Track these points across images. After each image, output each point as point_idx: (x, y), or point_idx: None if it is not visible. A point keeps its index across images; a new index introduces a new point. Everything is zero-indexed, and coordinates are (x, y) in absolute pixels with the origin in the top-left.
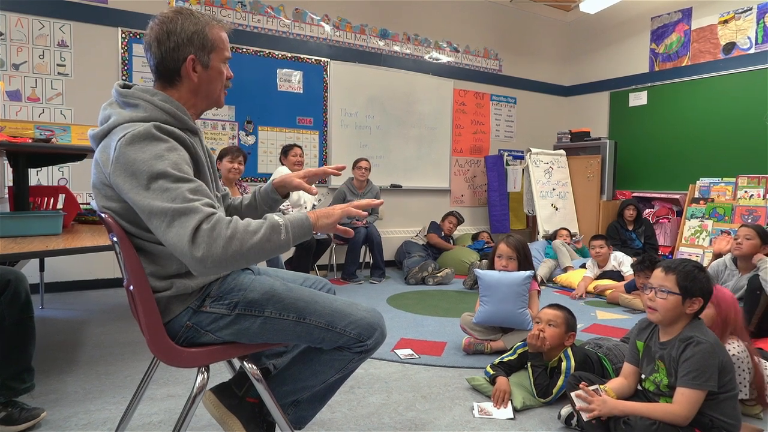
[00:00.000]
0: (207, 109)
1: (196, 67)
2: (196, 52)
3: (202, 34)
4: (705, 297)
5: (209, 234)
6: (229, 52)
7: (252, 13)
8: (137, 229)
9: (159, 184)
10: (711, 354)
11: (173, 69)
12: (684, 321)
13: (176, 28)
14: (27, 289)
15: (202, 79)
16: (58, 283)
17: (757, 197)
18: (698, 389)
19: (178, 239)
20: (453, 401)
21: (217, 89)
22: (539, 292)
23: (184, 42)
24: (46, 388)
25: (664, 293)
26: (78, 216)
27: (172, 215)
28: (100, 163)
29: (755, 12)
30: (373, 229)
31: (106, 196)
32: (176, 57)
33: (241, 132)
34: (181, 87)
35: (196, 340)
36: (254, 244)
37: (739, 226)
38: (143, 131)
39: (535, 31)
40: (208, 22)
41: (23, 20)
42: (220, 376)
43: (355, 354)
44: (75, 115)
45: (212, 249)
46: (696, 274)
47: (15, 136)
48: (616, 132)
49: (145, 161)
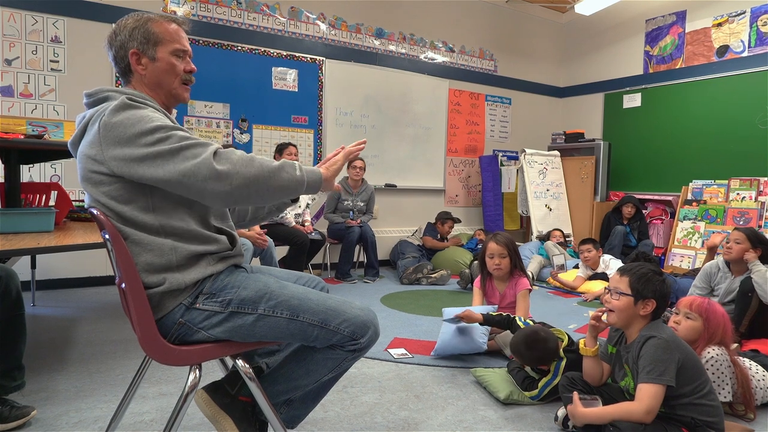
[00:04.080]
0: (170, 104)
1: (141, 60)
2: (139, 46)
3: (144, 28)
4: (658, 299)
5: (230, 153)
6: (181, 45)
7: (247, 10)
8: (132, 211)
9: (158, 136)
10: (665, 349)
11: (124, 66)
12: (640, 323)
13: (120, 28)
14: (18, 287)
15: (150, 71)
16: (49, 281)
17: (749, 199)
18: (653, 383)
19: (200, 161)
20: (446, 401)
21: (171, 82)
22: (530, 291)
23: (127, 38)
24: (36, 386)
25: (618, 294)
26: (70, 213)
27: (188, 146)
28: (85, 152)
29: (749, 15)
30: (367, 228)
31: (96, 182)
32: (123, 54)
33: (236, 130)
34: (135, 82)
35: (188, 338)
36: (272, 170)
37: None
38: (120, 103)
39: (531, 32)
40: (151, 17)
41: (16, 15)
42: (212, 374)
43: (349, 352)
44: (68, 111)
45: (236, 165)
46: (650, 276)
47: (7, 132)
48: (610, 133)
49: (133, 124)
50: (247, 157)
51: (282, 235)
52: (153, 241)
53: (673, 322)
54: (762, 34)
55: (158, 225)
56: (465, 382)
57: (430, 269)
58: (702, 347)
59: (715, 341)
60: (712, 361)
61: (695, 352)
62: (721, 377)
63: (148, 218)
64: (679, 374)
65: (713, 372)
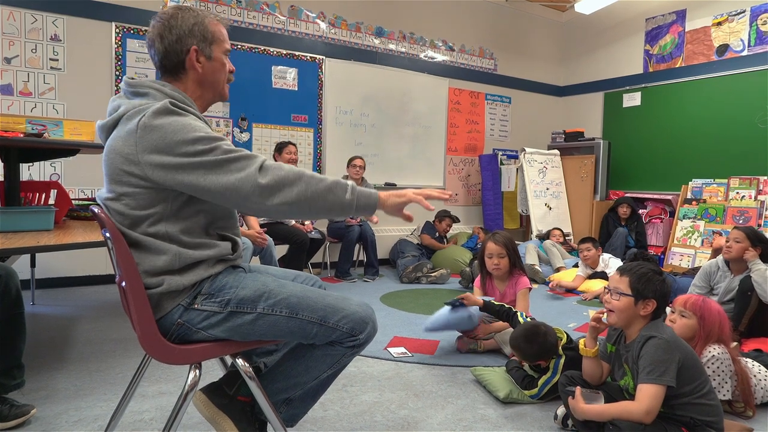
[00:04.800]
0: (213, 102)
1: (199, 57)
2: (198, 43)
3: (203, 26)
4: (659, 299)
5: (277, 168)
6: (229, 45)
7: (247, 9)
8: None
9: (200, 147)
10: (666, 349)
11: (177, 62)
12: (640, 323)
13: (177, 22)
14: (18, 285)
15: (207, 69)
16: (49, 279)
17: (749, 198)
18: (654, 383)
19: (244, 176)
20: (446, 400)
21: (222, 80)
22: (530, 290)
23: (186, 34)
24: (36, 385)
25: (618, 294)
26: (70, 212)
27: (234, 159)
28: (116, 148)
29: (748, 14)
30: (366, 227)
31: (124, 183)
32: (179, 49)
33: (236, 129)
34: (186, 79)
35: (188, 338)
36: (319, 191)
37: (732, 228)
38: (162, 107)
39: (531, 31)
40: (206, 15)
41: (15, 13)
42: (212, 373)
43: (348, 348)
44: (67, 109)
45: (280, 183)
46: (650, 276)
47: (6, 130)
48: (610, 132)
49: (176, 131)
50: (294, 175)
51: (282, 234)
52: (159, 246)
53: (668, 321)
54: (762, 33)
55: (165, 232)
56: (464, 381)
57: (429, 268)
58: (701, 346)
59: (713, 339)
60: (713, 359)
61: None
62: (722, 375)
63: (160, 226)
64: (679, 374)
65: (714, 370)
